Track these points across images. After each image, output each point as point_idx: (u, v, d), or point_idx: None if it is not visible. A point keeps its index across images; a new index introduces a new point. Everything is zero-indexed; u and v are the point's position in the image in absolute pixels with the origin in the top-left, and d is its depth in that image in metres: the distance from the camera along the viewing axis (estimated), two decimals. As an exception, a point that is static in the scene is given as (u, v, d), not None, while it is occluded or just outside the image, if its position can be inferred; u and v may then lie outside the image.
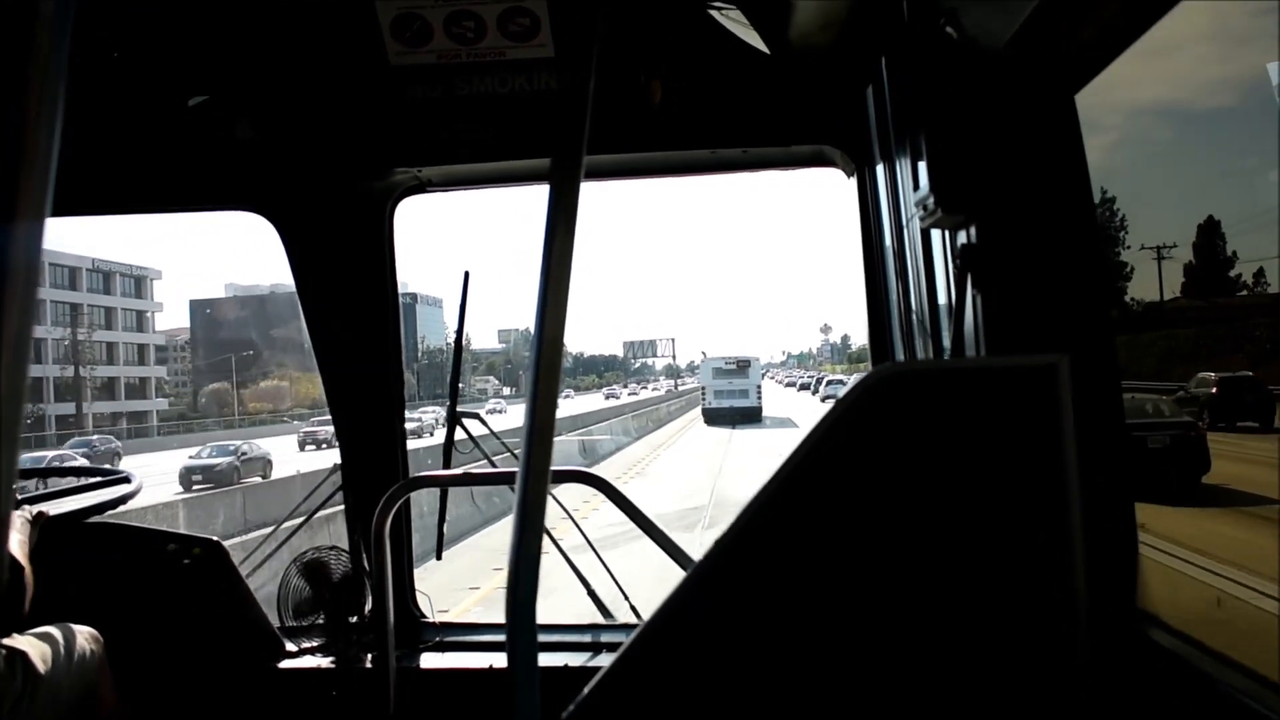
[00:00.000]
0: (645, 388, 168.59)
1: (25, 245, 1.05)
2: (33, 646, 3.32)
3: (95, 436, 75.10)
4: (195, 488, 42.95)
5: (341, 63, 3.99)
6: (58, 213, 1.16)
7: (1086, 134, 2.77)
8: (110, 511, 4.25)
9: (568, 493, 5.07)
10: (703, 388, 76.01)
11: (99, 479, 4.42)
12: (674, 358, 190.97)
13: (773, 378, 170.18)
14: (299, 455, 55.83)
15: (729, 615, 1.55)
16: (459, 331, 4.67)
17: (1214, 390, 3.54)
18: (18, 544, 3.47)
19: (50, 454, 43.81)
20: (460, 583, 18.08)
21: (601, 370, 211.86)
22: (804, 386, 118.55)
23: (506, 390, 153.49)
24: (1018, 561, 1.48)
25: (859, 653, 1.52)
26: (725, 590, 1.55)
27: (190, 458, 50.90)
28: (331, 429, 4.61)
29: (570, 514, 4.62)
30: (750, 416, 68.77)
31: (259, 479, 46.05)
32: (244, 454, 52.71)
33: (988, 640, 1.49)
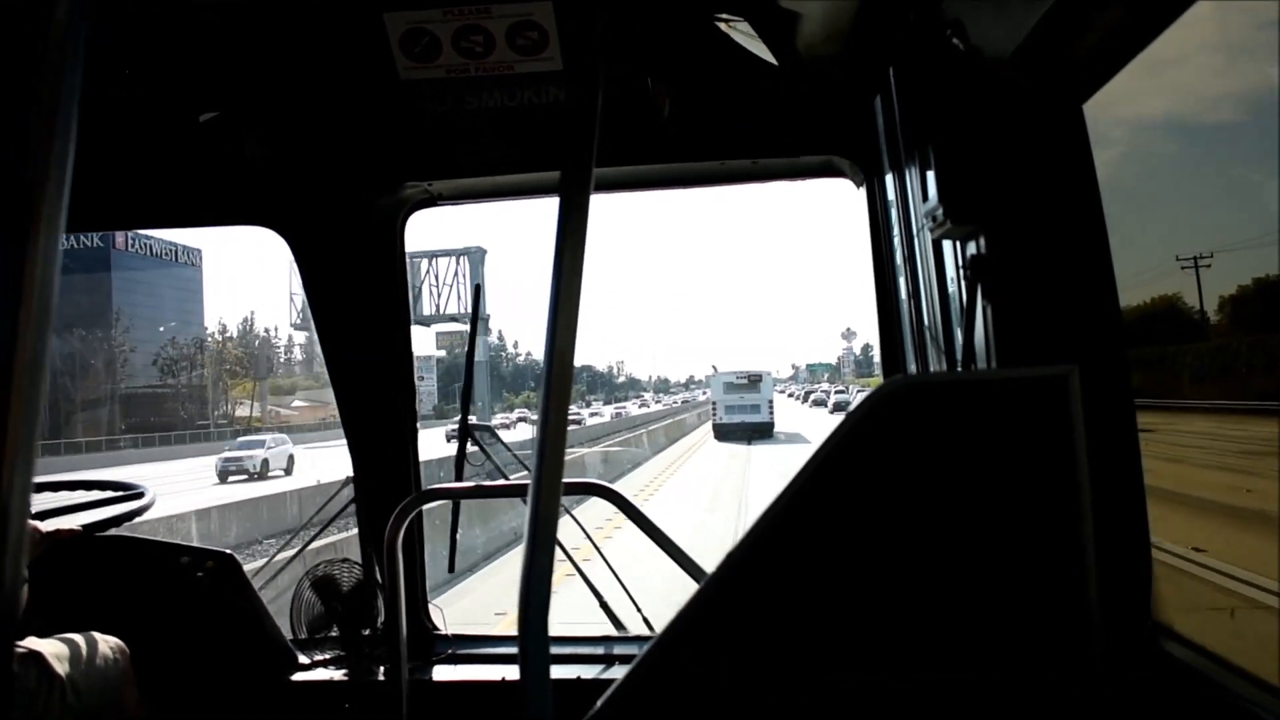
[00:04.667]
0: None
1: (42, 260, 1.06)
2: (50, 648, 3.36)
3: None
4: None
5: (351, 78, 4.00)
6: (72, 228, 1.17)
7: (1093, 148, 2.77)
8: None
9: (588, 513, 5.08)
10: (713, 403, 75.53)
11: (111, 494, 4.43)
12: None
13: (782, 391, 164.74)
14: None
15: (741, 627, 1.55)
16: (470, 345, 4.67)
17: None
18: None
19: None
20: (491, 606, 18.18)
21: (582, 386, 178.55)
22: (840, 407, 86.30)
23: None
24: (1030, 575, 1.48)
25: (871, 665, 1.52)
26: (738, 603, 1.55)
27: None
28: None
29: (581, 525, 4.62)
30: (762, 432, 68.40)
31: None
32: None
33: (1001, 652, 1.49)
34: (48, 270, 1.06)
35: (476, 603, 17.09)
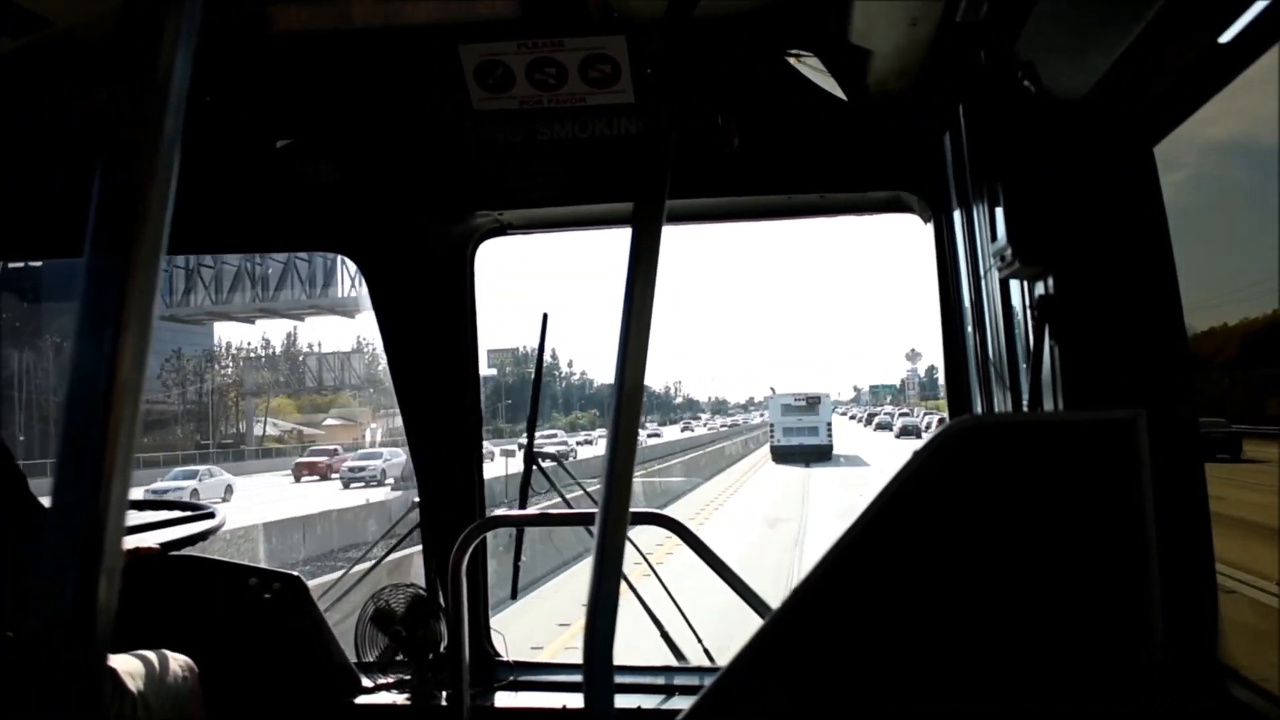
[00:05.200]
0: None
1: (142, 286, 1.09)
2: (123, 664, 3.43)
3: None
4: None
5: (426, 107, 4.06)
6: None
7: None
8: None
9: (642, 535, 5.09)
10: (771, 425, 74.57)
11: (183, 513, 4.51)
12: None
13: (844, 413, 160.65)
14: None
15: (807, 664, 1.56)
16: (537, 372, 4.71)
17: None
18: None
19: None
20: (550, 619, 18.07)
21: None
22: (908, 431, 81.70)
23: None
24: (1096, 616, 1.48)
25: (936, 703, 1.52)
26: (804, 639, 1.56)
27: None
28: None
29: (645, 556, 4.62)
30: (821, 455, 67.45)
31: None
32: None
33: (1065, 693, 1.49)
34: (147, 294, 1.09)
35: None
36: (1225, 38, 2.26)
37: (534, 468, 4.66)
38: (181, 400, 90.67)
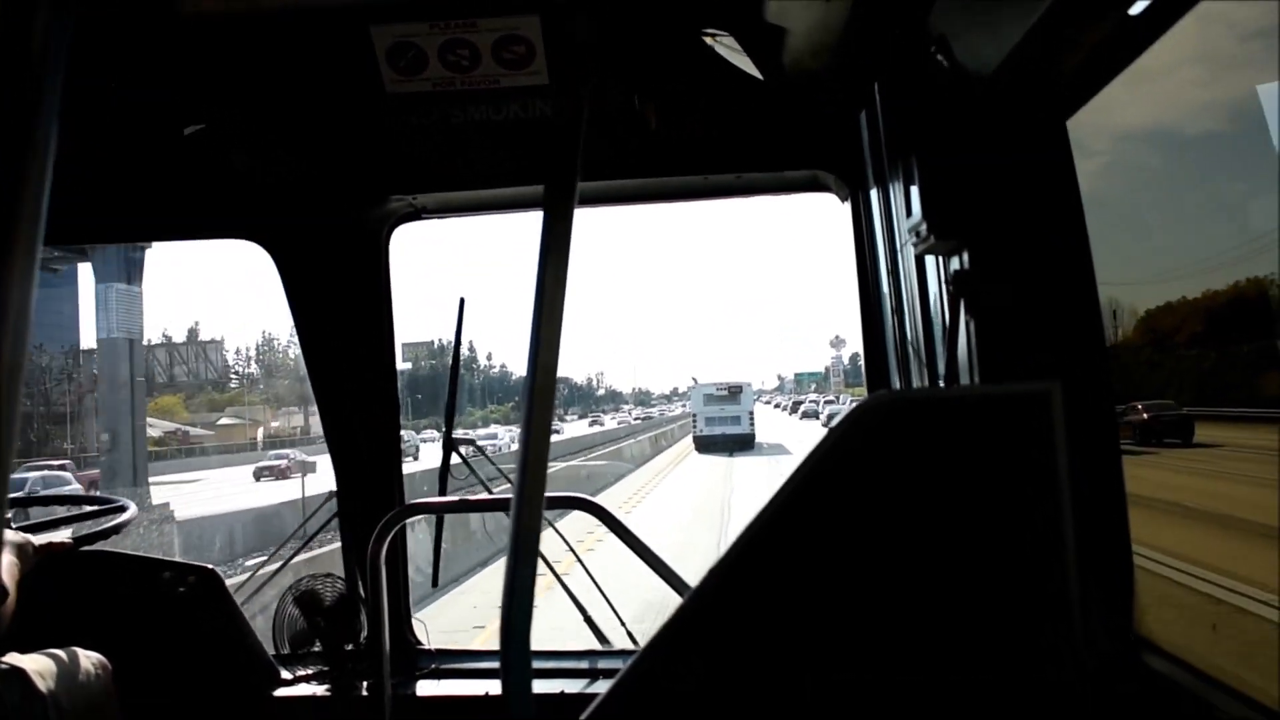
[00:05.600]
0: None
1: (19, 275, 1.05)
2: (33, 664, 3.32)
3: None
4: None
5: (337, 91, 4.00)
6: (55, 241, 1.16)
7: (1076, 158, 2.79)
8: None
9: (571, 524, 5.07)
10: (693, 415, 74.94)
11: (95, 507, 4.40)
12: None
13: (768, 402, 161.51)
14: None
15: (726, 642, 1.55)
16: (455, 358, 4.67)
17: (1144, 416, 3.60)
18: (7, 569, 3.45)
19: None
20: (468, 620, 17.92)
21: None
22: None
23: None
24: (1012, 591, 1.48)
25: (854, 683, 1.52)
26: (721, 618, 1.55)
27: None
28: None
29: (566, 540, 4.60)
30: (744, 444, 68.11)
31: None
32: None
33: (982, 667, 1.49)
34: (25, 285, 1.05)
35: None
36: (1136, 9, 2.28)
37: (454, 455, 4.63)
38: (45, 400, 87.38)
